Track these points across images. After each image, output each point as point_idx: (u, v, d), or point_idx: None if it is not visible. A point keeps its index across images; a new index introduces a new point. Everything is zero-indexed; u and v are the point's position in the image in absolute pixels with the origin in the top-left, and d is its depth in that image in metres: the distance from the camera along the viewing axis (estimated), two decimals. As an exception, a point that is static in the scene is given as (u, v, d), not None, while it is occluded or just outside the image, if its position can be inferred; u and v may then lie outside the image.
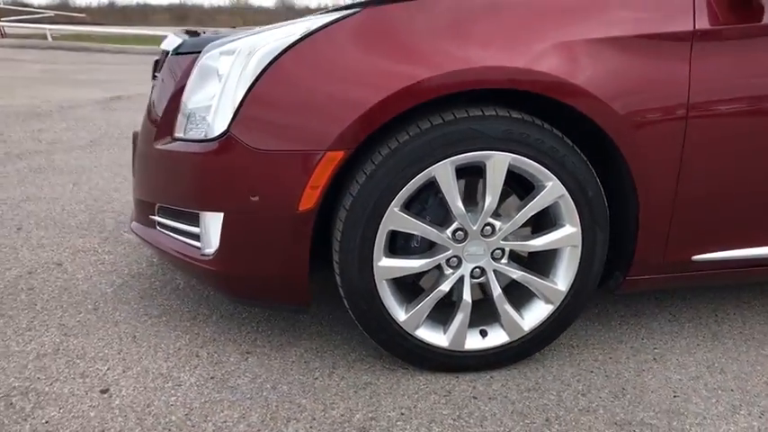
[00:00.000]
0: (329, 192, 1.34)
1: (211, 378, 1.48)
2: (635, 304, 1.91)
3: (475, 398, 1.43)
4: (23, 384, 1.43)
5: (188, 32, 2.07)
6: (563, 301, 1.49)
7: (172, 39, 1.90)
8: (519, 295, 1.51)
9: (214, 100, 1.38)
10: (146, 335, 1.67)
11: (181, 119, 1.49)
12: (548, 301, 1.49)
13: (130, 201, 2.80)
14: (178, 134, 1.50)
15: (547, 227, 1.47)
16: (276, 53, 1.31)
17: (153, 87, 1.65)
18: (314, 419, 1.34)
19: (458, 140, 1.31)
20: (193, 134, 1.46)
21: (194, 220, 1.50)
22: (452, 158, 1.32)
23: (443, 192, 1.35)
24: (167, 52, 1.81)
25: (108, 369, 1.51)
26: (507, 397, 1.44)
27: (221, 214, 1.41)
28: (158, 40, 14.71)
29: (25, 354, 1.56)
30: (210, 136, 1.38)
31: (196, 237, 1.52)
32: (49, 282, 1.98)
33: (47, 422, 1.30)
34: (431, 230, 1.39)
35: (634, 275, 1.53)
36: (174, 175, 1.52)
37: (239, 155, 1.34)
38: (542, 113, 1.38)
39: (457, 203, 1.37)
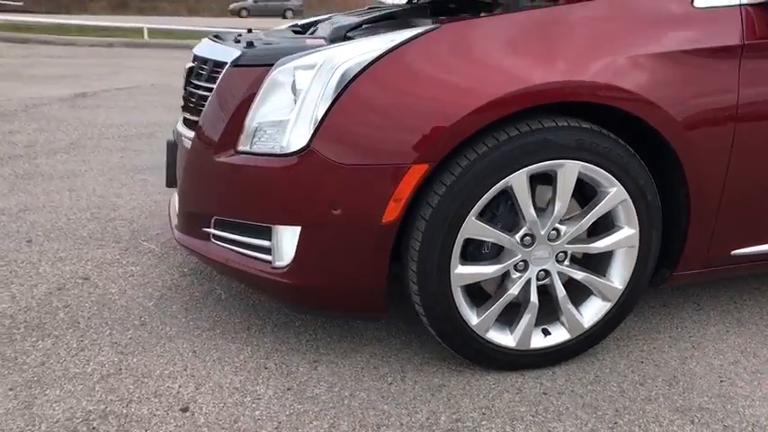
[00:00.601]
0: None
1: (288, 389, 1.50)
2: (661, 296, 2.04)
3: (545, 393, 1.51)
4: (98, 407, 1.40)
5: (216, 37, 2.04)
6: (619, 298, 1.58)
7: (207, 46, 1.86)
8: (575, 294, 1.59)
9: (291, 114, 1.38)
10: (205, 348, 1.66)
11: (246, 132, 1.48)
12: (605, 298, 1.58)
13: (137, 207, 2.74)
14: (242, 147, 1.49)
15: (601, 229, 1.55)
16: (359, 69, 1.33)
17: (208, 100, 1.62)
18: (402, 424, 1.38)
19: (533, 151, 1.37)
20: (261, 148, 1.46)
21: (263, 234, 1.50)
22: (528, 168, 1.38)
23: (518, 200, 1.41)
24: (204, 59, 1.78)
25: (180, 387, 1.49)
26: (574, 391, 1.52)
27: (298, 228, 1.42)
28: (105, 31, 14.01)
29: (87, 375, 1.53)
30: (288, 150, 1.38)
31: (262, 249, 1.52)
32: (83, 298, 1.92)
33: (138, 445, 1.29)
34: (504, 237, 1.44)
35: (680, 271, 1.64)
36: (241, 188, 1.51)
37: (321, 169, 1.35)
38: (596, 121, 1.45)
39: (530, 210, 1.43)
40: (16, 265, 2.13)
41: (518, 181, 1.39)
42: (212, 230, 1.63)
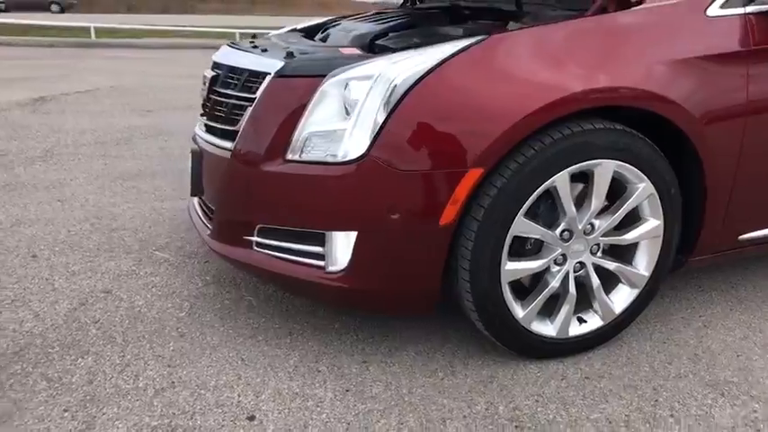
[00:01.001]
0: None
1: (347, 390, 1.54)
2: (667, 280, 2.19)
3: (587, 378, 1.61)
4: (163, 422, 1.40)
5: (232, 44, 2.04)
6: (646, 285, 1.70)
7: (232, 54, 1.86)
8: (604, 284, 1.70)
9: (348, 123, 1.42)
10: (253, 356, 1.67)
11: (296, 142, 1.50)
12: (633, 285, 1.70)
13: (137, 216, 2.69)
14: (292, 156, 1.51)
15: (627, 222, 1.66)
16: (415, 79, 1.37)
17: (247, 110, 1.62)
18: (465, 416, 1.45)
19: (576, 152, 1.46)
20: (313, 156, 1.48)
21: (314, 240, 1.53)
22: (570, 168, 1.47)
23: (561, 198, 1.50)
24: (233, 68, 1.78)
25: (239, 395, 1.51)
26: (612, 374, 1.63)
27: (354, 233, 1.46)
28: (51, 30, 13.26)
29: (141, 390, 1.52)
30: (345, 158, 1.42)
31: (313, 255, 1.55)
32: (111, 312, 1.88)
33: (216, 456, 1.30)
34: (548, 233, 1.53)
35: (695, 257, 1.78)
36: (292, 196, 1.53)
37: (380, 176, 1.40)
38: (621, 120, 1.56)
39: (572, 208, 1.52)
40: (28, 282, 2.06)
41: (562, 180, 1.47)
42: (255, 238, 1.64)
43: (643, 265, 1.68)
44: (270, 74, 1.58)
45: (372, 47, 1.76)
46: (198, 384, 1.55)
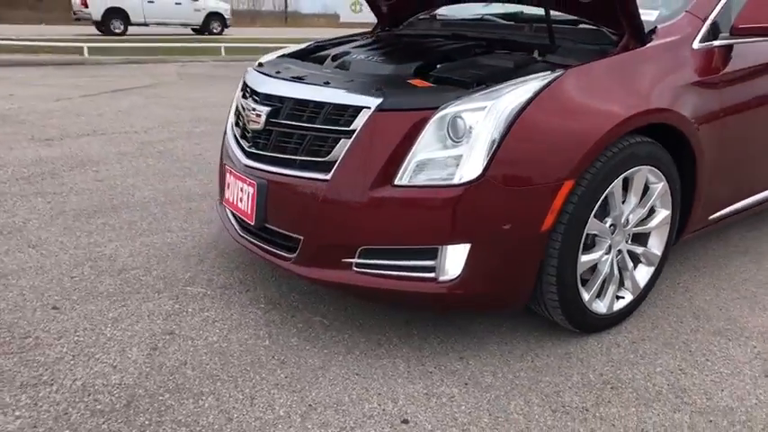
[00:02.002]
0: None
1: (466, 384, 1.74)
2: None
3: (634, 342, 1.99)
4: (329, 440, 1.49)
5: (270, 74, 2.11)
6: (659, 262, 2.13)
7: (278, 83, 2.00)
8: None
9: (462, 150, 1.62)
10: (363, 368, 1.79)
11: (405, 168, 1.66)
12: (650, 264, 2.12)
13: (134, 253, 2.56)
14: (401, 182, 1.67)
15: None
16: (519, 109, 1.63)
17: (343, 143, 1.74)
18: (570, 387, 1.74)
19: (627, 162, 1.83)
20: (423, 180, 1.66)
21: (424, 254, 1.71)
22: (622, 175, 1.84)
23: (615, 199, 1.86)
24: (303, 101, 1.87)
25: (379, 405, 1.63)
26: (649, 336, 2.03)
27: (468, 245, 1.67)
28: None
29: (285, 418, 1.57)
30: (462, 180, 1.62)
31: (421, 269, 1.73)
32: (191, 351, 1.85)
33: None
34: (604, 228, 1.88)
35: (684, 236, 2.26)
36: (401, 218, 1.69)
37: (495, 193, 1.63)
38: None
39: (621, 205, 1.89)
40: (73, 335, 1.92)
41: (617, 185, 1.83)
42: (356, 260, 1.77)
43: (656, 246, 2.12)
44: (369, 108, 1.72)
45: (429, 77, 1.96)
46: (335, 402, 1.64)
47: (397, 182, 1.68)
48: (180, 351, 1.86)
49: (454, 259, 1.69)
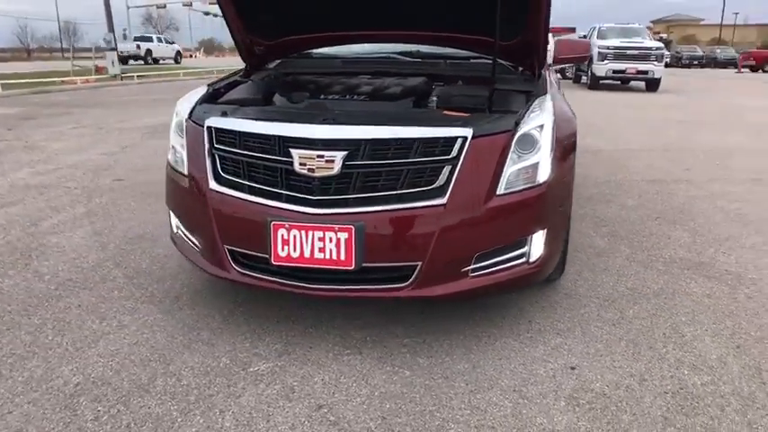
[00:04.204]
0: None
1: (572, 368, 2.17)
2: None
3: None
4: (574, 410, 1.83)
5: (320, 122, 2.12)
6: None
7: (337, 129, 2.04)
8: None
9: (537, 158, 2.11)
10: (485, 359, 2.11)
11: (503, 179, 2.06)
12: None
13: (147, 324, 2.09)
14: (502, 191, 2.07)
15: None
16: (553, 123, 2.22)
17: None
18: (656, 358, 2.35)
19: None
20: (517, 186, 2.09)
21: (519, 245, 2.15)
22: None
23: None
24: (372, 140, 2.00)
25: (528, 378, 2.02)
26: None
27: (545, 229, 2.20)
28: None
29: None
30: (542, 181, 2.12)
31: (517, 257, 2.16)
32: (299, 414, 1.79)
33: None
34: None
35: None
36: (506, 220, 2.08)
37: (558, 186, 2.20)
38: None
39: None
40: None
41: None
42: (472, 266, 2.07)
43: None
44: (466, 137, 2.01)
45: (454, 109, 2.32)
46: (510, 387, 1.93)
47: (498, 192, 2.06)
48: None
49: (538, 243, 2.19)
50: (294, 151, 2.04)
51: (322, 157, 2.00)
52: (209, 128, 2.23)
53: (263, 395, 1.87)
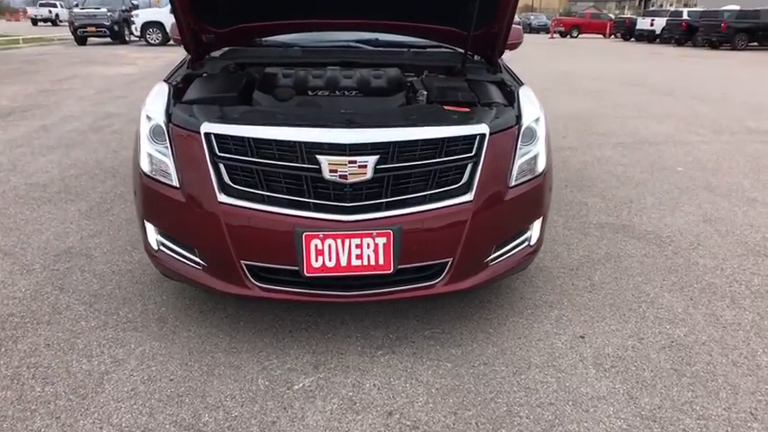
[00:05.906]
0: None
1: (582, 337, 2.47)
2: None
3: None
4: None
5: (337, 126, 2.06)
6: None
7: (361, 133, 1.99)
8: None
9: (537, 149, 2.27)
10: (507, 344, 2.28)
11: (513, 171, 2.19)
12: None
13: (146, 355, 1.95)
14: (513, 183, 2.20)
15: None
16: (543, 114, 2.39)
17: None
18: (640, 318, 2.73)
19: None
20: (523, 177, 2.24)
21: (526, 230, 2.32)
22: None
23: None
24: (398, 143, 2.00)
25: (550, 344, 2.23)
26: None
27: (542, 216, 2.39)
28: None
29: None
30: (540, 172, 2.29)
31: (524, 242, 2.34)
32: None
33: None
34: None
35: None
36: (519, 209, 2.23)
37: (549, 174, 2.39)
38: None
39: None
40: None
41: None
42: (493, 254, 2.20)
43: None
44: (484, 134, 2.09)
45: (452, 103, 2.37)
46: (544, 363, 2.13)
47: (510, 184, 2.19)
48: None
49: (537, 228, 2.38)
50: (322, 158, 1.95)
51: (354, 162, 1.95)
52: (207, 134, 2.02)
53: (327, 412, 1.83)
